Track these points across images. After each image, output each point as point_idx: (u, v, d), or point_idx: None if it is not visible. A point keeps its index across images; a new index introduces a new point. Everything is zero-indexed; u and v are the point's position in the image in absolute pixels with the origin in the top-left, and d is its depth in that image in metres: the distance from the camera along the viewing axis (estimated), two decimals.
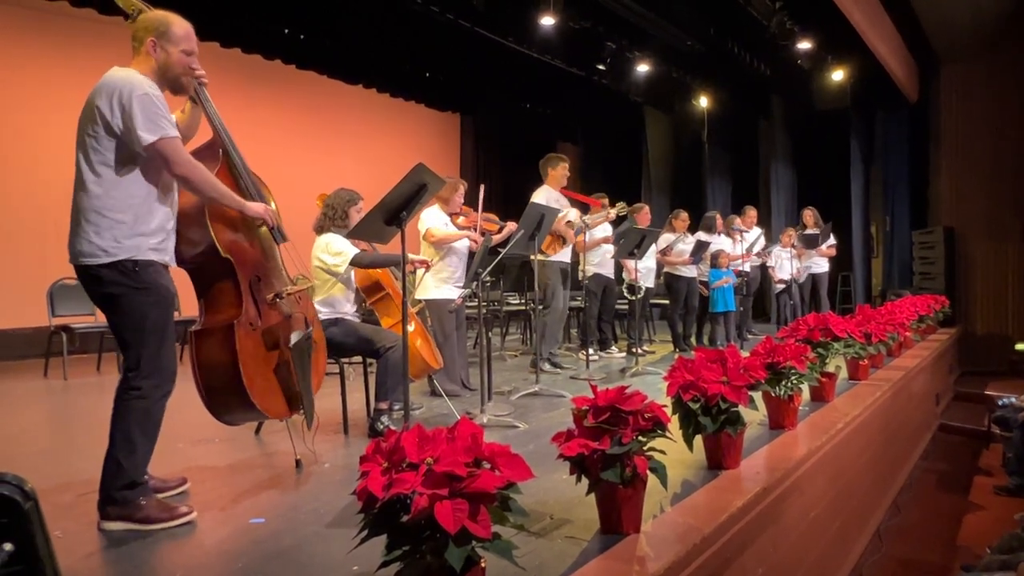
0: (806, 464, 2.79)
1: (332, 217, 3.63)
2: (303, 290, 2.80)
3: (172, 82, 2.32)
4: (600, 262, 6.33)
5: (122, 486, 2.17)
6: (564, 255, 5.64)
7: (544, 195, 5.40)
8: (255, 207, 2.50)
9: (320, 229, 3.67)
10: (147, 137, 2.14)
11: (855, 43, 7.57)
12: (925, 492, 4.91)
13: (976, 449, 5.94)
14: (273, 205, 2.68)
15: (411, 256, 3.62)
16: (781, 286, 7.80)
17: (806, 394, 3.66)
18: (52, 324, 5.69)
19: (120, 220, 2.17)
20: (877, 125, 9.95)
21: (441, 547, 1.32)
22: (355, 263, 3.54)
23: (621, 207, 6.29)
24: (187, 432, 3.40)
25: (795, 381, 3.09)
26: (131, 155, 2.19)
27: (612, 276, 6.52)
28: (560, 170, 5.54)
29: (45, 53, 7.01)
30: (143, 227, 2.22)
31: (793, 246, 7.65)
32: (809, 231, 7.89)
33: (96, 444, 2.29)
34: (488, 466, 1.43)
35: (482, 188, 4.45)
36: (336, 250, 3.54)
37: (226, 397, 2.48)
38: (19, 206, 6.78)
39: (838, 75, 9.37)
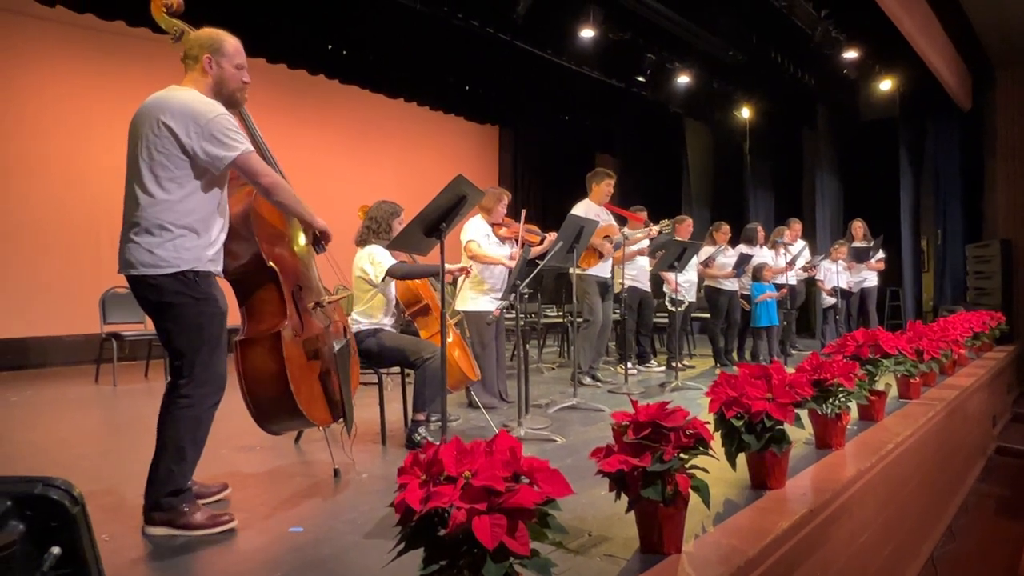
0: (855, 486, 2.69)
1: (375, 230, 3.66)
2: (342, 299, 2.83)
3: (228, 97, 2.37)
4: (636, 275, 6.26)
5: (167, 493, 2.21)
6: (602, 269, 5.60)
7: (584, 208, 5.38)
8: (322, 221, 2.55)
9: (363, 242, 3.70)
10: (228, 156, 2.22)
11: (904, 51, 7.35)
12: (982, 517, 4.68)
13: None
14: None
15: (449, 266, 3.64)
16: (831, 299, 7.59)
17: (854, 412, 3.53)
18: (103, 331, 5.89)
19: (184, 232, 2.23)
20: (927, 135, 9.62)
21: (479, 563, 1.30)
22: (391, 274, 3.56)
23: (665, 224, 6.20)
24: (230, 439, 3.46)
25: (843, 399, 2.99)
26: (200, 171, 2.25)
27: (648, 289, 6.44)
28: (604, 186, 5.52)
29: (98, 69, 7.30)
30: (204, 239, 2.27)
31: (842, 260, 7.44)
32: (858, 244, 7.67)
33: (143, 449, 2.35)
34: (527, 481, 1.41)
35: (523, 213, 4.43)
36: (377, 260, 3.58)
37: (273, 405, 2.51)
38: (74, 217, 7.05)
39: (886, 84, 9.11)
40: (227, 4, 6.45)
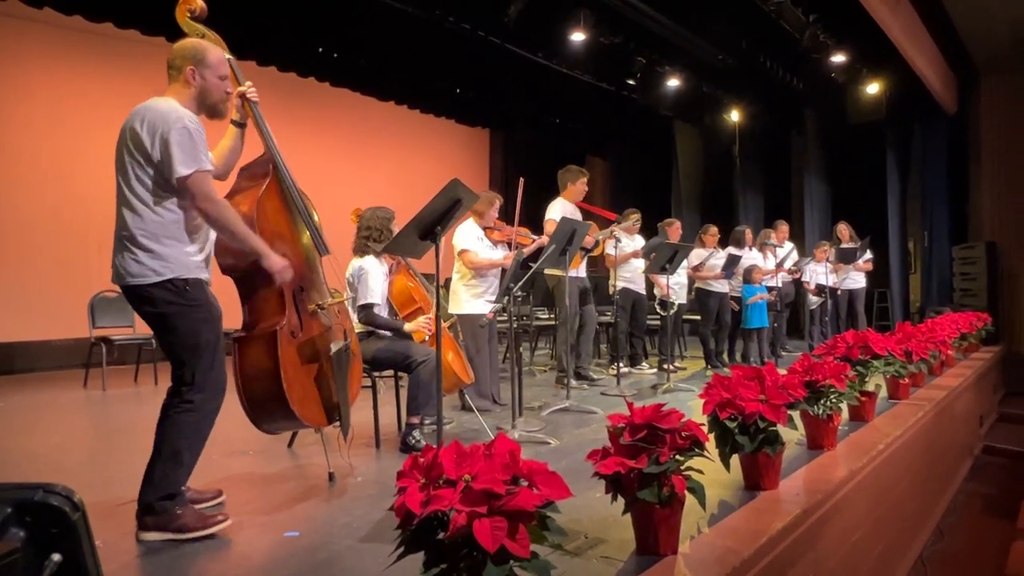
0: (847, 486, 2.71)
1: (375, 238, 3.62)
2: (342, 302, 2.83)
3: (211, 108, 2.36)
4: (630, 277, 6.29)
5: (161, 497, 2.20)
6: (577, 270, 5.58)
7: (560, 206, 5.38)
8: (274, 261, 2.40)
9: (360, 251, 3.66)
10: (182, 171, 2.16)
11: (891, 56, 7.45)
12: (970, 516, 4.74)
13: (1022, 472, 5.72)
14: (316, 218, 2.73)
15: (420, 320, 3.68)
16: (817, 299, 7.64)
17: (845, 413, 3.56)
18: (92, 335, 5.83)
19: (166, 241, 2.22)
20: (914, 138, 9.74)
21: (479, 566, 1.31)
22: (363, 314, 3.53)
23: (636, 219, 6.25)
24: (222, 444, 3.43)
25: (834, 400, 3.02)
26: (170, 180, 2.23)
27: (643, 291, 6.46)
28: (579, 184, 5.50)
29: (88, 72, 7.26)
30: (187, 247, 2.26)
31: (828, 261, 7.51)
32: (845, 245, 7.74)
33: (134, 454, 2.33)
34: (526, 484, 1.41)
35: (521, 182, 4.32)
36: (369, 283, 3.54)
37: (266, 403, 2.52)
38: (62, 220, 6.99)
39: (873, 88, 9.21)
40: (217, 6, 6.41)
